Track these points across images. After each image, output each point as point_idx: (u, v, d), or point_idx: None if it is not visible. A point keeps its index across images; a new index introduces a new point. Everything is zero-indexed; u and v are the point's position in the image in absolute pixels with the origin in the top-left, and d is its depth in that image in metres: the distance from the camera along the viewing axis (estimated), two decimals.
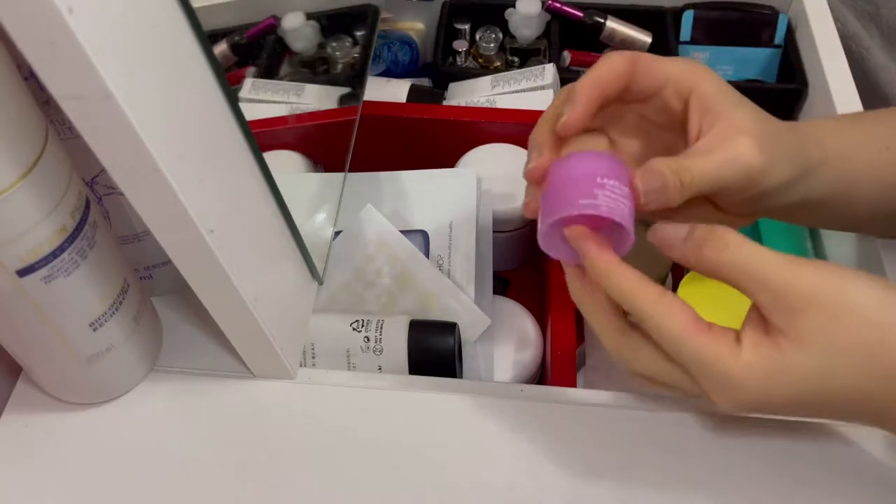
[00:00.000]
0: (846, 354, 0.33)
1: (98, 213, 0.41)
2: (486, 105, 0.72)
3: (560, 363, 0.52)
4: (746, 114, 0.38)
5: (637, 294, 0.34)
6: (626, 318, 0.37)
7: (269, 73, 0.62)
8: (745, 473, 0.43)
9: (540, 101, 0.71)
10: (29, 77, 0.37)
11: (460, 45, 0.80)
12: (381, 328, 0.50)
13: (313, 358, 0.51)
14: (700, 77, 0.39)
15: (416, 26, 0.85)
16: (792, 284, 0.33)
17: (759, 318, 0.35)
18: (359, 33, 0.69)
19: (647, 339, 0.36)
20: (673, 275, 0.61)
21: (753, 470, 0.43)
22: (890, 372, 0.33)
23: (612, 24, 0.79)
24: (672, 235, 0.35)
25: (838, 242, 0.63)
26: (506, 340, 0.59)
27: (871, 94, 0.74)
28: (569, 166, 0.36)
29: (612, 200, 0.34)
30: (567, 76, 0.76)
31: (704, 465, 0.43)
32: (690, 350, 0.34)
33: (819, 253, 0.65)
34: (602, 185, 0.35)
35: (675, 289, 0.56)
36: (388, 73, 0.84)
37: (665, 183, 0.35)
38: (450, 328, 0.51)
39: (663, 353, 0.36)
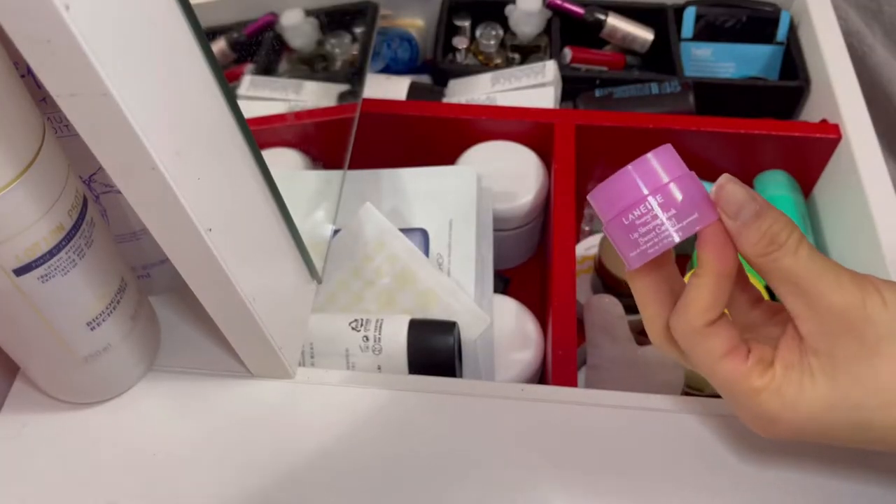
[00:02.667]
0: (879, 390, 0.31)
1: (95, 212, 0.41)
2: (487, 102, 0.72)
3: (560, 363, 0.52)
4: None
5: (677, 311, 0.33)
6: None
7: (267, 70, 0.62)
8: (745, 473, 0.42)
9: (541, 97, 0.71)
10: (25, 74, 0.36)
11: (460, 42, 0.80)
12: (381, 327, 0.50)
13: (312, 357, 0.51)
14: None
15: (415, 23, 0.85)
16: (835, 305, 0.31)
17: (794, 336, 0.33)
18: (358, 30, 0.69)
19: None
20: None
21: (753, 470, 0.43)
22: None
23: (614, 20, 0.79)
24: (739, 203, 0.32)
25: (838, 241, 0.63)
26: (506, 340, 0.59)
27: (874, 91, 0.74)
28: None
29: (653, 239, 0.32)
30: (568, 73, 0.75)
31: (704, 466, 0.43)
32: (723, 379, 0.33)
33: (820, 245, 0.65)
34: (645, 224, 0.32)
35: None
36: (388, 70, 0.84)
37: (759, 214, 0.32)
38: (449, 327, 0.51)
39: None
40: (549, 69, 0.72)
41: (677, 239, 0.32)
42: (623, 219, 0.32)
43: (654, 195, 0.32)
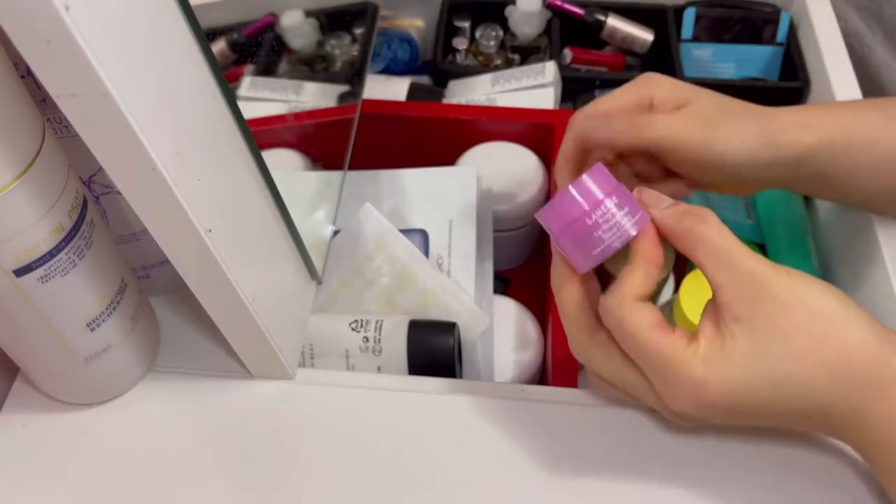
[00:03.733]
0: (793, 341, 0.34)
1: (95, 212, 0.41)
2: (487, 103, 0.72)
3: (560, 363, 0.52)
4: (704, 98, 0.46)
5: (610, 292, 0.36)
6: (597, 318, 0.38)
7: (267, 70, 0.62)
8: (745, 473, 0.42)
9: (540, 98, 0.71)
10: (25, 75, 0.36)
11: (460, 43, 0.80)
12: (381, 328, 0.50)
13: (312, 358, 0.51)
14: (651, 94, 0.46)
15: (415, 24, 0.85)
16: (752, 271, 0.34)
17: (713, 311, 0.36)
18: (358, 31, 0.69)
19: (613, 341, 0.37)
20: (675, 275, 0.61)
21: (753, 470, 0.43)
22: (834, 368, 0.34)
23: (613, 21, 0.79)
24: (657, 198, 0.37)
25: (837, 241, 0.63)
26: (506, 340, 0.59)
27: (874, 92, 0.74)
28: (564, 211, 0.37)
29: (607, 235, 0.36)
30: (568, 74, 0.75)
31: (704, 466, 0.43)
32: (651, 349, 0.35)
33: (820, 244, 0.65)
34: (595, 224, 0.36)
35: (676, 289, 0.56)
36: (388, 70, 0.84)
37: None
38: (449, 328, 0.51)
39: (625, 356, 0.37)
40: (548, 70, 0.72)
41: (634, 232, 0.36)
42: (587, 219, 0.36)
43: (609, 198, 0.36)
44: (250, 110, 0.40)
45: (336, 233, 0.57)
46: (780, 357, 0.34)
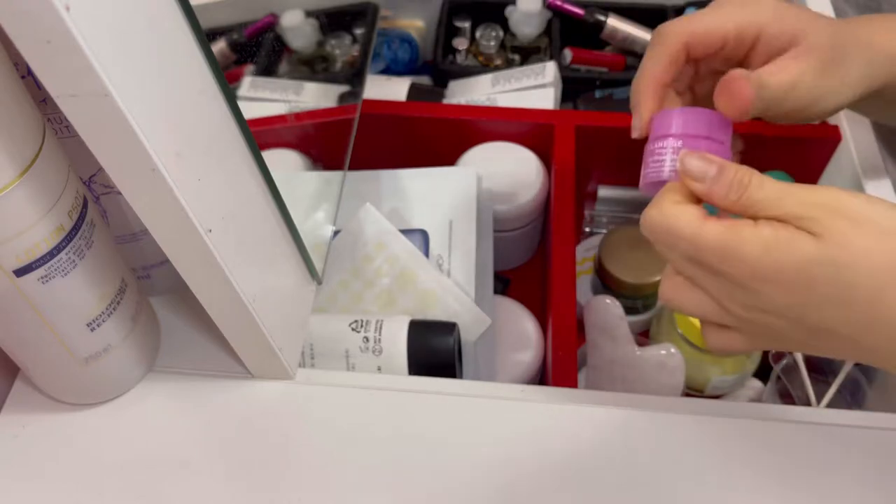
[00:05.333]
0: (867, 255, 0.33)
1: (96, 213, 0.41)
2: (487, 103, 0.72)
3: (561, 363, 0.52)
4: (817, 34, 0.42)
5: (648, 208, 0.37)
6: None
7: (268, 71, 0.62)
8: (745, 472, 0.42)
9: (541, 98, 0.71)
10: (26, 75, 0.36)
11: (460, 43, 0.80)
12: (381, 328, 0.50)
13: (312, 358, 0.51)
14: (759, 23, 0.42)
15: (415, 24, 0.85)
16: (816, 202, 0.34)
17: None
18: (358, 31, 0.69)
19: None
20: None
21: (753, 469, 0.43)
22: None
23: (614, 21, 0.79)
24: (700, 170, 0.36)
25: None
26: (506, 340, 0.59)
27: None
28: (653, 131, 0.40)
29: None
30: (568, 74, 0.75)
31: (704, 466, 0.43)
32: (707, 233, 0.35)
33: None
34: (668, 149, 0.39)
35: None
36: (388, 71, 0.84)
37: (720, 171, 0.37)
38: (450, 328, 0.51)
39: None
40: (549, 70, 0.72)
41: (665, 178, 0.38)
42: (649, 144, 0.39)
43: (675, 139, 0.38)
44: (250, 110, 0.40)
45: (336, 233, 0.57)
46: (850, 266, 0.33)
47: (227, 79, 0.37)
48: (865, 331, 0.34)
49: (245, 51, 0.58)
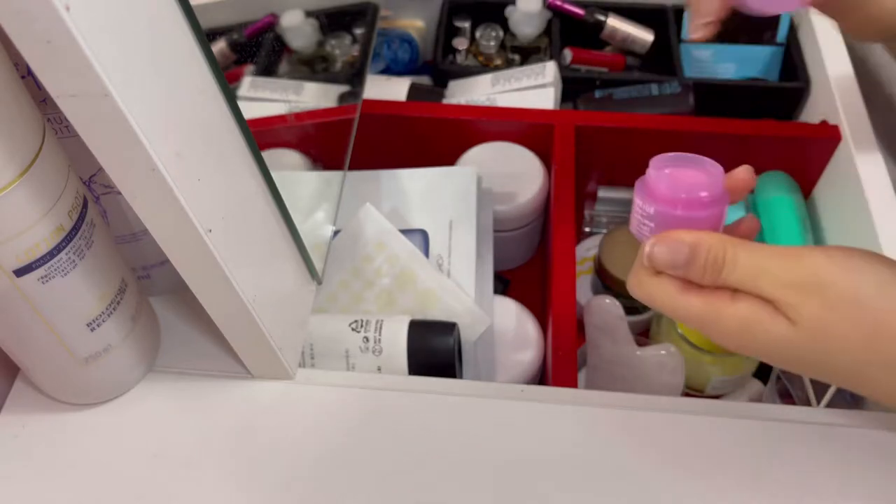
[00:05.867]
0: (844, 340, 0.33)
1: (96, 213, 0.41)
2: (487, 103, 0.72)
3: (561, 363, 0.52)
4: None
5: (636, 269, 0.38)
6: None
7: (267, 71, 0.62)
8: (745, 472, 0.42)
9: (540, 98, 0.71)
10: (26, 75, 0.36)
11: (460, 43, 0.80)
12: (381, 328, 0.50)
13: (312, 358, 0.51)
14: None
15: (415, 24, 0.85)
16: (791, 282, 0.34)
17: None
18: (358, 31, 0.69)
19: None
20: None
21: (753, 469, 0.43)
22: (889, 353, 0.33)
23: (614, 21, 0.79)
24: (669, 259, 0.36)
25: (838, 242, 0.63)
26: (506, 340, 0.59)
27: (874, 92, 0.74)
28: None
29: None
30: (568, 74, 0.75)
31: (704, 466, 0.43)
32: (685, 310, 0.36)
33: (820, 244, 0.65)
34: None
35: None
36: (388, 71, 0.84)
37: (691, 257, 0.36)
38: (450, 328, 0.51)
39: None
40: (549, 70, 0.72)
41: (640, 240, 0.37)
42: (637, 199, 0.37)
43: (656, 204, 0.36)
44: (250, 110, 0.40)
45: (336, 233, 0.57)
46: (826, 352, 0.34)
47: (227, 79, 0.37)
48: (843, 383, 0.36)
49: (245, 51, 0.58)
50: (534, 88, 0.72)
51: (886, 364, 0.33)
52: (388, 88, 0.75)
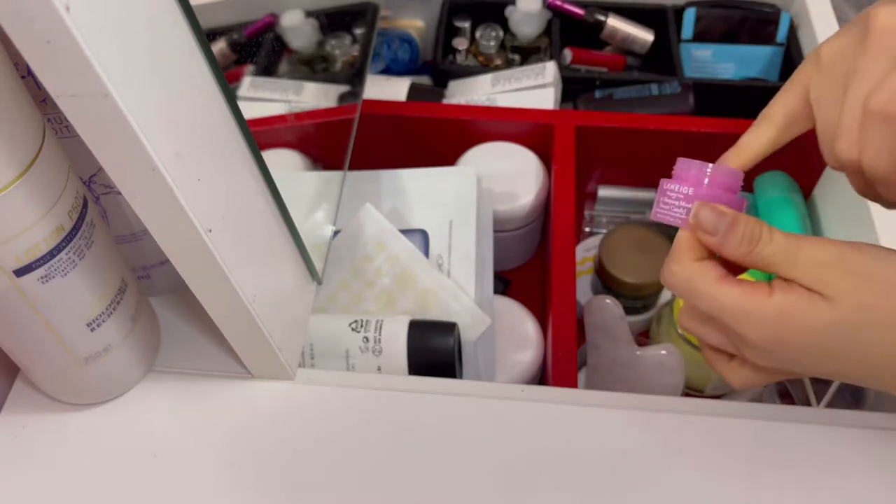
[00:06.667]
0: (881, 313, 0.33)
1: (96, 213, 0.41)
2: (487, 103, 0.72)
3: (561, 363, 0.52)
4: None
5: (670, 259, 0.38)
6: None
7: (267, 71, 0.62)
8: (745, 472, 0.42)
9: (540, 98, 0.71)
10: (26, 75, 0.36)
11: (460, 44, 0.80)
12: (381, 328, 0.50)
13: (312, 358, 0.51)
14: None
15: (415, 24, 0.85)
16: (826, 260, 0.34)
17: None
18: (358, 31, 0.69)
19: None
20: None
21: (753, 469, 0.43)
22: None
23: (614, 21, 0.79)
24: (712, 222, 0.36)
25: (838, 237, 0.63)
26: (506, 340, 0.59)
27: None
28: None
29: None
30: (568, 74, 0.75)
31: (704, 466, 0.43)
32: (724, 297, 0.35)
33: None
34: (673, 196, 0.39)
35: None
36: (388, 71, 0.84)
37: (733, 224, 0.36)
38: (450, 328, 0.51)
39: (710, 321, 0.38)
40: (549, 70, 0.72)
41: (677, 223, 0.38)
42: (665, 184, 0.39)
43: (692, 186, 0.38)
44: (250, 110, 0.40)
45: (336, 233, 0.57)
46: (865, 326, 0.34)
47: (227, 79, 0.37)
48: (882, 375, 0.35)
49: (245, 51, 0.58)
50: (534, 88, 0.72)
51: None
52: (388, 88, 0.75)
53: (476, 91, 0.74)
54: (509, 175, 0.65)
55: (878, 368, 0.35)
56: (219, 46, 0.55)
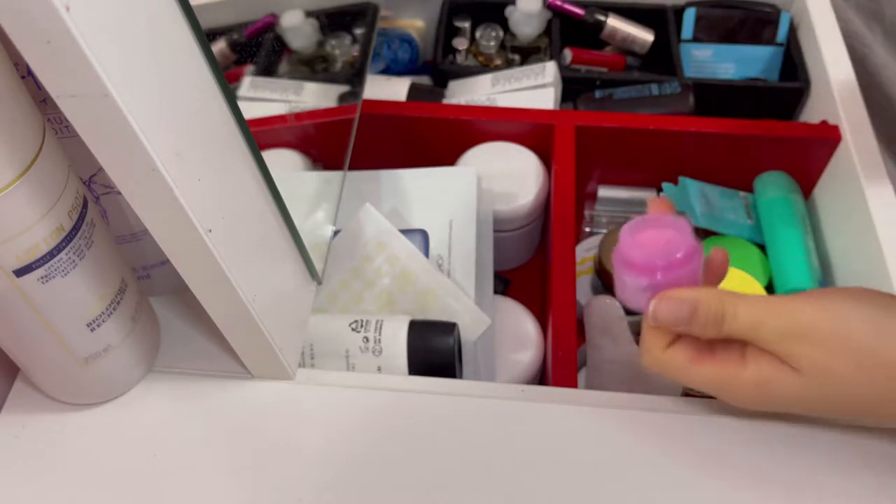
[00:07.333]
0: (849, 378, 0.36)
1: (96, 213, 0.41)
2: (487, 103, 0.72)
3: (561, 363, 0.52)
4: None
5: (640, 354, 0.40)
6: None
7: (267, 71, 0.62)
8: (745, 472, 0.42)
9: (541, 98, 0.71)
10: (26, 75, 0.36)
11: (460, 43, 0.80)
12: (381, 328, 0.50)
13: (312, 358, 0.51)
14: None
15: (415, 24, 0.85)
16: (790, 332, 0.36)
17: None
18: (358, 31, 0.69)
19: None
20: None
21: (753, 469, 0.42)
22: (881, 389, 0.36)
23: (614, 21, 0.79)
24: (673, 317, 0.38)
25: (838, 242, 0.63)
26: (506, 340, 0.59)
27: (874, 93, 0.74)
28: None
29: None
30: (568, 74, 0.75)
31: (704, 466, 0.43)
32: (700, 377, 0.38)
33: (820, 244, 0.65)
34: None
35: None
36: (388, 71, 0.84)
37: (693, 313, 0.37)
38: (450, 328, 0.51)
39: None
40: (549, 70, 0.72)
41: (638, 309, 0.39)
42: (622, 265, 0.39)
43: (643, 275, 0.38)
44: (250, 110, 0.40)
45: (336, 233, 0.57)
46: (828, 397, 0.36)
47: (227, 79, 0.37)
48: (861, 420, 0.39)
49: (245, 51, 0.58)
50: (534, 88, 0.72)
51: (885, 397, 0.36)
52: (388, 88, 0.75)
53: (476, 91, 0.74)
54: (509, 175, 0.65)
55: (854, 417, 0.39)
56: (219, 46, 0.55)
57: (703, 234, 0.67)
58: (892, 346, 0.35)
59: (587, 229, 0.74)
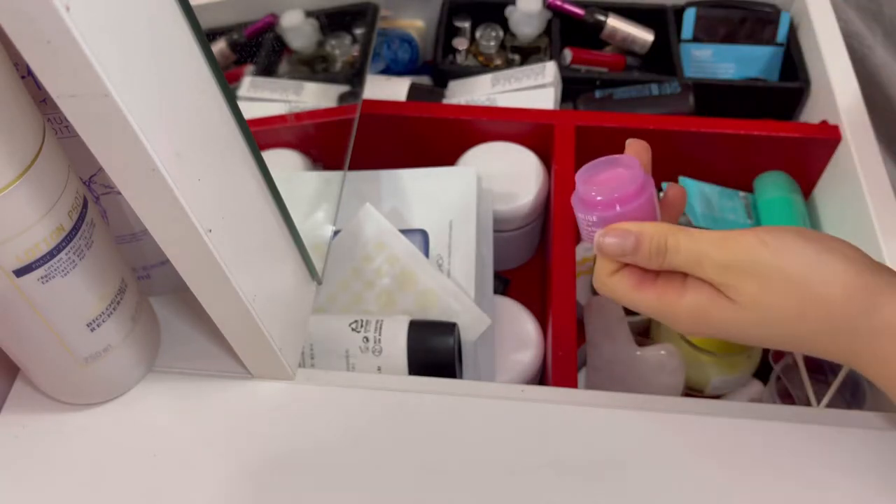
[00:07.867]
0: (778, 310, 0.37)
1: (96, 213, 0.41)
2: (487, 103, 0.72)
3: (561, 363, 0.52)
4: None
5: (596, 274, 0.41)
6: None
7: (267, 71, 0.62)
8: (744, 472, 0.42)
9: (541, 98, 0.71)
10: (26, 75, 0.36)
11: (460, 44, 0.80)
12: (381, 328, 0.50)
13: (312, 358, 0.51)
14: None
15: (415, 24, 0.85)
16: (729, 265, 0.37)
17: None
18: (358, 31, 0.69)
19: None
20: None
21: (753, 469, 0.43)
22: (818, 326, 0.37)
23: (614, 21, 0.79)
24: (618, 248, 0.39)
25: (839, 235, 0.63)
26: (506, 340, 0.59)
27: (874, 92, 0.74)
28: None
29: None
30: (568, 74, 0.75)
31: (704, 466, 0.43)
32: (641, 302, 0.39)
33: None
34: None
35: None
36: (388, 71, 0.84)
37: (636, 245, 0.39)
38: (449, 328, 0.51)
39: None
40: (549, 70, 0.72)
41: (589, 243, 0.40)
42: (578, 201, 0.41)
43: (594, 210, 0.40)
44: (250, 110, 0.40)
45: (336, 233, 0.57)
46: (765, 324, 0.37)
47: (227, 79, 0.37)
48: (794, 352, 0.40)
49: (245, 51, 0.58)
50: (534, 88, 0.72)
51: (817, 331, 0.37)
52: (388, 88, 0.75)
53: (476, 91, 0.74)
54: (509, 175, 0.65)
55: (788, 348, 0.41)
56: (219, 46, 0.55)
57: None
58: (826, 283, 0.36)
59: None
